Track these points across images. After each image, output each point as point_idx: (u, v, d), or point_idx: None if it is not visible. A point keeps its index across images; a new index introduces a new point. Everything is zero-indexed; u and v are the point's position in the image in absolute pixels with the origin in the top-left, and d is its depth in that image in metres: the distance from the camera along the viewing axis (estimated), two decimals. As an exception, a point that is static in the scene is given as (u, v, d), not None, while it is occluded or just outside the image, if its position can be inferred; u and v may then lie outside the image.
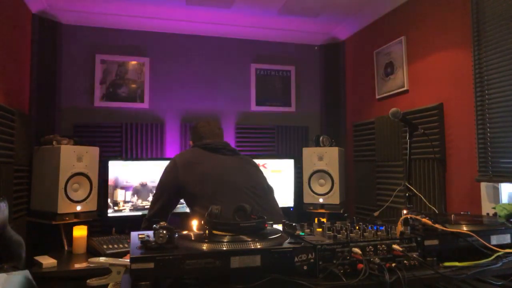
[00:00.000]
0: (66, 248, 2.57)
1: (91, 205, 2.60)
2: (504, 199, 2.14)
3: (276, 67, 3.58)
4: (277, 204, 2.09)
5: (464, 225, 1.35)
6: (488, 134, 2.13)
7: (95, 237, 2.53)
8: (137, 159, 3.05)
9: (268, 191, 2.09)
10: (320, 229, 1.34)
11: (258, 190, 1.98)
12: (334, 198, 2.94)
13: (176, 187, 1.93)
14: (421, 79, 2.66)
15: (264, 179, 2.13)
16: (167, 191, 1.96)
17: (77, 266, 2.17)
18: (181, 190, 1.93)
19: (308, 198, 3.02)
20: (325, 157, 3.00)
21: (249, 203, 1.80)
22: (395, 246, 1.18)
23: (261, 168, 2.28)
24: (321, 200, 2.98)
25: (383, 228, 1.27)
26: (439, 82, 2.49)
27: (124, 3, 2.97)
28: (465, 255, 1.26)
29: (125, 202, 2.76)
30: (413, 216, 1.35)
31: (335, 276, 1.09)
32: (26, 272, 1.56)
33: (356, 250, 1.13)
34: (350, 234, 1.22)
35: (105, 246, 2.38)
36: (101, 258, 1.49)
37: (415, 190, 1.69)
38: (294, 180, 3.21)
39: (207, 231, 1.16)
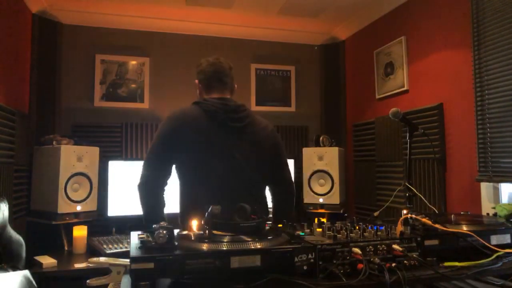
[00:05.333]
0: (66, 248, 2.57)
1: (91, 205, 2.60)
2: (504, 199, 2.14)
3: (276, 67, 3.58)
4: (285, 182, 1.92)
5: (464, 225, 1.35)
6: (488, 134, 2.13)
7: (95, 237, 2.53)
8: (137, 159, 3.05)
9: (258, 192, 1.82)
10: (320, 229, 1.34)
11: (252, 181, 1.74)
12: (334, 198, 2.94)
13: (171, 147, 1.68)
14: (421, 79, 2.66)
15: (259, 176, 1.79)
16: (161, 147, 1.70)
17: (77, 266, 2.17)
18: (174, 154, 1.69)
19: (308, 198, 3.02)
20: (325, 157, 3.00)
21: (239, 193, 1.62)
22: (395, 246, 1.18)
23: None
24: (321, 200, 2.98)
25: (383, 228, 1.27)
26: (439, 82, 2.49)
27: (124, 3, 2.96)
28: (465, 255, 1.25)
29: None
30: (413, 216, 1.35)
31: (335, 276, 1.09)
32: (26, 272, 1.56)
33: (356, 250, 1.13)
34: (350, 234, 1.22)
35: (105, 246, 2.38)
36: (101, 258, 1.49)
37: (415, 190, 1.69)
38: (294, 180, 3.20)
39: (207, 231, 1.16)
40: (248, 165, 1.73)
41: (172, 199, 1.80)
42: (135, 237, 1.17)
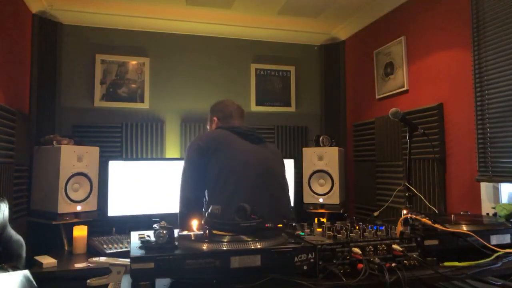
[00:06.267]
0: (66, 248, 2.57)
1: (91, 205, 2.60)
2: (504, 199, 2.14)
3: (276, 67, 3.58)
4: (288, 204, 2.01)
5: (464, 225, 1.35)
6: (488, 134, 2.13)
7: (95, 237, 2.53)
8: (137, 159, 3.05)
9: (286, 191, 2.00)
10: (320, 229, 1.34)
11: (275, 188, 1.90)
12: (334, 198, 2.94)
13: (203, 166, 1.81)
14: (421, 79, 2.66)
15: (285, 176, 2.01)
16: (195, 171, 1.82)
17: (77, 266, 2.17)
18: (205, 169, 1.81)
19: (308, 198, 3.02)
20: (325, 157, 3.00)
21: (264, 200, 1.78)
22: (395, 246, 1.18)
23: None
24: (321, 200, 2.98)
25: (383, 228, 1.27)
26: (439, 82, 2.50)
27: (124, 3, 2.97)
28: (465, 255, 1.26)
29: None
30: (413, 216, 1.35)
31: (335, 276, 1.09)
32: (26, 272, 1.56)
33: (356, 250, 1.13)
34: (350, 234, 1.22)
35: (105, 246, 2.38)
36: (101, 258, 1.49)
37: (415, 190, 1.69)
38: (294, 180, 3.21)
39: (207, 231, 1.16)
40: (275, 171, 1.93)
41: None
42: (135, 237, 1.17)
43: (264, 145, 1.99)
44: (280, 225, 1.36)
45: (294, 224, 1.34)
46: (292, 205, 3.15)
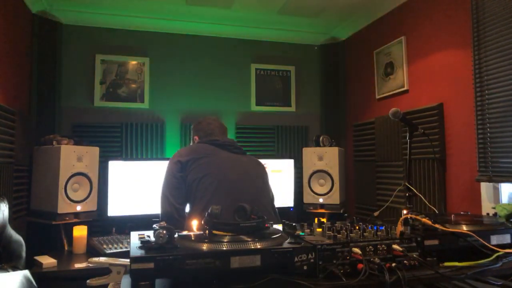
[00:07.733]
0: (66, 248, 2.56)
1: (91, 205, 2.60)
2: (504, 199, 2.14)
3: (276, 67, 3.58)
4: (269, 207, 2.00)
5: (464, 225, 1.35)
6: (488, 134, 2.13)
7: (95, 237, 2.53)
8: (137, 159, 3.05)
9: (267, 195, 2.01)
10: (320, 229, 1.34)
11: (257, 193, 1.92)
12: (334, 198, 2.94)
13: (181, 177, 1.85)
14: (421, 79, 2.66)
15: (267, 183, 2.03)
16: (175, 188, 1.86)
17: (77, 266, 2.17)
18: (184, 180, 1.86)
19: (308, 198, 3.02)
20: (325, 157, 3.00)
21: (243, 201, 1.78)
22: (395, 246, 1.18)
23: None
24: (321, 200, 2.98)
25: (383, 228, 1.27)
26: (439, 82, 2.50)
27: (124, 3, 2.97)
28: (465, 255, 1.25)
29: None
30: (413, 216, 1.35)
31: (335, 276, 1.09)
32: (26, 272, 1.56)
33: (356, 250, 1.13)
34: (350, 234, 1.22)
35: (105, 246, 2.38)
36: (101, 258, 1.49)
37: (415, 190, 1.69)
38: (294, 180, 3.21)
39: (207, 231, 1.16)
40: (255, 175, 1.96)
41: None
42: (135, 237, 1.17)
43: (244, 155, 2.05)
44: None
45: (294, 224, 1.34)
46: (292, 205, 3.17)
